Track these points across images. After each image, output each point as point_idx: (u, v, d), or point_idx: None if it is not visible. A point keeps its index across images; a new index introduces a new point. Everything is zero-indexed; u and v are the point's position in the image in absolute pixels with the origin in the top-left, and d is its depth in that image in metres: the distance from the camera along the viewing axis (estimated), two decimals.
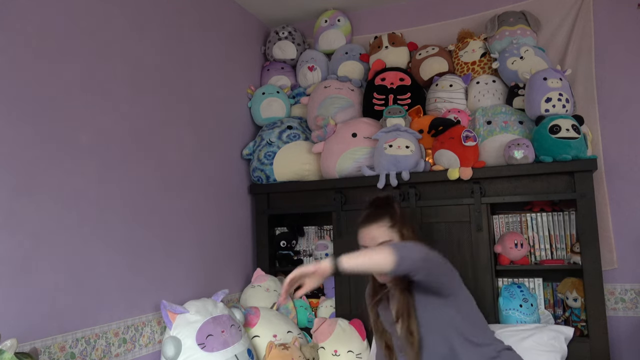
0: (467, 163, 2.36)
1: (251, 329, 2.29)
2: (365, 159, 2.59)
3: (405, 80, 2.73)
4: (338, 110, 2.76)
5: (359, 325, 2.41)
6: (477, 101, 2.62)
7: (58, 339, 1.60)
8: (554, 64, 2.63)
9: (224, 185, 2.63)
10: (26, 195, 1.55)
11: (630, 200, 2.47)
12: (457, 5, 2.92)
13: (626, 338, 2.40)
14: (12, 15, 1.56)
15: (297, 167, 2.75)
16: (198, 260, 2.34)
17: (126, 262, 1.91)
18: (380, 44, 2.90)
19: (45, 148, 1.63)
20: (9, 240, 1.48)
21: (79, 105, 1.77)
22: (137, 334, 1.93)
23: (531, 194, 2.31)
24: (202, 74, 2.52)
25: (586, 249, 2.19)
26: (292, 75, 3.11)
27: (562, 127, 2.23)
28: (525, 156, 2.27)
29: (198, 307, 2.04)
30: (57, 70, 1.69)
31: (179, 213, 2.24)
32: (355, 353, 2.33)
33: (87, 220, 1.76)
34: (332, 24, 3.06)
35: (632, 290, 2.43)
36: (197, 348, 1.91)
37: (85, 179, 1.77)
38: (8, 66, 1.53)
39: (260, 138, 2.85)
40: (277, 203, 2.81)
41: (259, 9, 3.06)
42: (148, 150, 2.09)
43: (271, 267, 2.81)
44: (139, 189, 2.02)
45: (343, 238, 2.61)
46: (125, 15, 2.03)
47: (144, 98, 2.09)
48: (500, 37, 2.63)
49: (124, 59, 2.00)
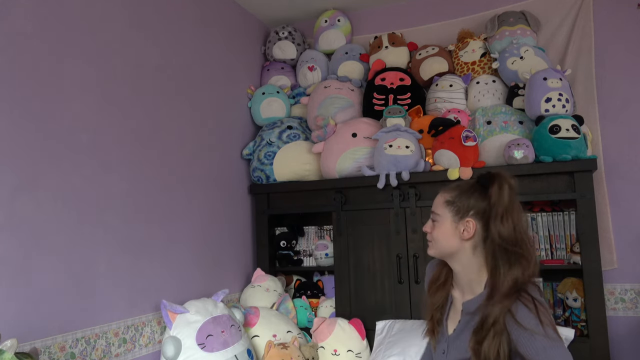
0: (467, 163, 2.36)
1: (251, 329, 2.30)
2: (365, 159, 2.60)
3: (405, 80, 2.73)
4: (338, 110, 2.76)
5: (358, 324, 2.41)
6: (477, 101, 2.62)
7: (58, 339, 1.60)
8: (554, 64, 2.63)
9: (224, 185, 2.64)
10: (26, 194, 1.55)
11: (630, 200, 2.47)
12: (457, 5, 2.92)
13: (626, 338, 2.40)
14: (12, 15, 1.56)
15: (297, 167, 2.75)
16: (198, 260, 2.34)
17: (126, 262, 1.91)
18: (380, 44, 2.90)
19: (46, 148, 1.63)
20: (9, 240, 1.48)
21: (79, 105, 1.77)
22: (137, 334, 1.93)
23: (531, 194, 2.31)
24: (202, 74, 2.52)
25: (586, 249, 2.19)
26: (292, 75, 3.11)
27: (562, 127, 2.23)
28: (525, 156, 2.27)
29: (198, 307, 2.04)
30: (57, 70, 1.69)
31: (179, 213, 2.24)
32: (354, 352, 2.33)
33: (87, 220, 1.76)
34: (332, 24, 3.06)
35: (632, 290, 2.43)
36: (197, 348, 1.91)
37: (85, 179, 1.77)
38: (8, 66, 1.53)
39: (260, 138, 2.85)
40: (277, 203, 2.81)
41: (259, 9, 3.06)
42: (148, 150, 2.09)
43: (271, 267, 2.81)
44: (139, 189, 2.02)
45: (343, 238, 2.61)
46: (126, 15, 2.03)
47: (144, 98, 2.09)
48: (500, 37, 2.63)
49: (124, 59, 2.00)
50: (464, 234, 1.32)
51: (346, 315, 2.51)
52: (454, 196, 1.36)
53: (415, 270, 2.43)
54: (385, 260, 2.52)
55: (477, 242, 1.32)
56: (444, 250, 1.38)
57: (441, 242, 1.38)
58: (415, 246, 2.46)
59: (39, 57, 1.63)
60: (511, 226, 1.27)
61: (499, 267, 1.26)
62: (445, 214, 1.36)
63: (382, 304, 2.50)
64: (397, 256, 2.48)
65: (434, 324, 1.42)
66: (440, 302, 1.43)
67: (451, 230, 1.35)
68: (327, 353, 2.32)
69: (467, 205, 1.33)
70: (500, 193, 1.28)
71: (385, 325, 2.39)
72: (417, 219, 2.46)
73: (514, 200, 1.30)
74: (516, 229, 1.27)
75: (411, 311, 2.44)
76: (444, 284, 1.44)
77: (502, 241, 1.26)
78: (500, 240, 1.26)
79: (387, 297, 2.50)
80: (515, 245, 1.26)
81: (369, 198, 2.57)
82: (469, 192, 1.34)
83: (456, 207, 1.35)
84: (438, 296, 1.43)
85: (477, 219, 1.31)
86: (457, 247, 1.35)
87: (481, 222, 1.31)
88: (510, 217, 1.27)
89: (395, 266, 2.47)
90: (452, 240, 1.35)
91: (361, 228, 2.59)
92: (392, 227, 2.51)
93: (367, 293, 2.54)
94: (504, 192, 1.29)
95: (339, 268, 2.61)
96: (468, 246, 1.34)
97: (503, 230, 1.26)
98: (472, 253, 1.34)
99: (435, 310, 1.42)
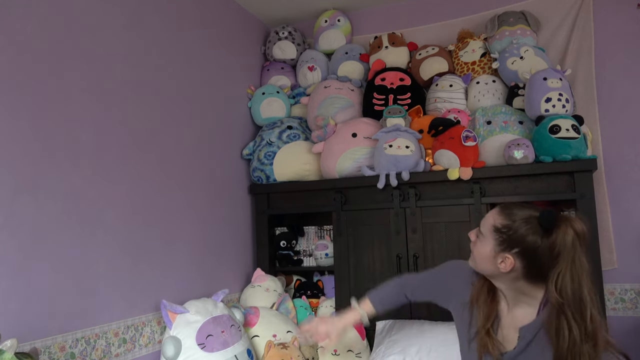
0: (467, 163, 2.36)
1: (251, 329, 2.30)
2: (365, 159, 2.60)
3: (405, 80, 2.73)
4: (338, 110, 2.76)
5: (358, 324, 2.41)
6: (477, 101, 2.62)
7: (58, 339, 1.60)
8: (554, 64, 2.63)
9: (224, 186, 2.63)
10: (26, 195, 1.55)
11: (630, 200, 2.47)
12: (457, 5, 2.92)
13: (626, 338, 2.40)
14: (12, 16, 1.56)
15: (297, 167, 2.75)
16: (198, 260, 2.34)
17: (126, 262, 1.91)
18: (380, 44, 2.90)
19: (46, 148, 1.63)
20: (9, 240, 1.48)
21: (79, 105, 1.77)
22: (137, 334, 1.93)
23: (531, 194, 2.31)
24: (202, 74, 2.52)
25: (586, 249, 2.19)
26: (292, 75, 3.11)
27: (562, 127, 2.23)
28: (525, 156, 2.27)
29: (198, 307, 2.04)
30: (57, 70, 1.69)
31: (178, 213, 2.24)
32: (354, 352, 2.33)
33: (87, 220, 1.75)
34: (332, 24, 3.06)
35: (632, 290, 2.43)
36: (197, 348, 1.91)
37: (85, 179, 1.77)
38: (8, 66, 1.53)
39: (260, 138, 2.85)
40: (277, 203, 2.81)
41: (259, 9, 3.06)
42: (148, 150, 2.09)
43: (271, 267, 2.81)
44: (139, 189, 2.02)
45: (343, 238, 2.61)
46: (126, 15, 2.03)
47: (144, 98, 2.09)
48: (500, 37, 2.63)
49: (124, 59, 2.00)
50: (501, 266, 1.24)
51: None
52: (505, 226, 1.24)
53: (415, 270, 2.43)
54: (385, 260, 2.52)
55: (519, 276, 1.24)
56: (481, 270, 1.33)
57: (478, 262, 1.32)
58: (415, 246, 2.46)
59: (39, 57, 1.63)
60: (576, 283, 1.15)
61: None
62: (489, 238, 1.27)
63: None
64: (397, 256, 2.48)
65: (489, 338, 1.31)
66: (492, 314, 1.33)
67: (490, 256, 1.26)
68: (327, 353, 2.32)
69: (515, 241, 1.22)
70: (565, 239, 1.15)
71: (385, 325, 2.39)
72: (417, 219, 2.46)
73: (577, 248, 1.16)
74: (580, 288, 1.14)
75: (411, 311, 2.43)
76: (492, 298, 1.34)
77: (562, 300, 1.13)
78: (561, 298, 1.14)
79: None
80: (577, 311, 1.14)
81: (369, 198, 2.57)
82: (523, 229, 1.21)
83: (502, 238, 1.24)
84: (489, 309, 1.33)
85: (520, 258, 1.22)
86: (494, 272, 1.28)
87: (524, 262, 1.21)
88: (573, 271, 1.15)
89: (395, 266, 2.47)
90: (489, 265, 1.28)
91: (361, 228, 2.59)
92: (392, 227, 2.51)
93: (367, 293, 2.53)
94: (569, 238, 1.15)
95: (339, 268, 2.61)
96: (507, 278, 1.27)
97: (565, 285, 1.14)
98: (511, 282, 1.27)
99: (487, 321, 1.32)
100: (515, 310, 1.29)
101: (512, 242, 1.22)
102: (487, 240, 1.28)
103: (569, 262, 1.16)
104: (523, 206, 1.28)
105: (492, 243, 1.26)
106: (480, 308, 1.34)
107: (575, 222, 1.18)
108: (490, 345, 1.29)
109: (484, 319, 1.32)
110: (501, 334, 1.31)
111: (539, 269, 1.20)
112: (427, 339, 2.15)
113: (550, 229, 1.17)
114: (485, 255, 1.28)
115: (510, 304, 1.31)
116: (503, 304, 1.33)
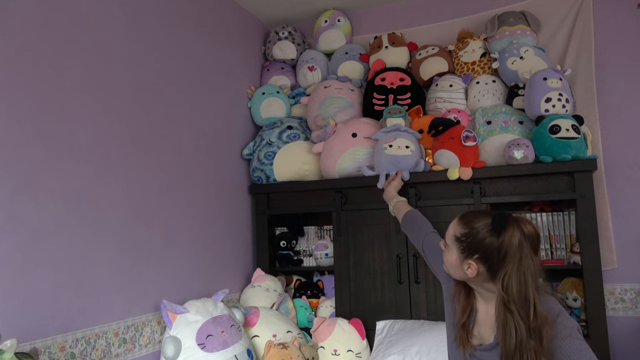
0: (467, 163, 2.36)
1: (251, 329, 2.30)
2: (365, 159, 2.59)
3: (405, 80, 2.73)
4: (338, 110, 2.76)
5: (358, 324, 2.41)
6: (477, 101, 2.62)
7: (58, 339, 1.60)
8: (554, 64, 2.63)
9: (224, 186, 2.64)
10: (26, 195, 1.55)
11: (630, 200, 2.46)
12: (457, 5, 2.92)
13: (626, 338, 2.40)
14: (12, 16, 1.56)
15: (297, 167, 2.75)
16: (198, 260, 2.34)
17: (126, 262, 1.91)
18: (380, 44, 2.90)
19: (46, 148, 1.63)
20: (9, 240, 1.48)
21: (79, 105, 1.77)
22: (137, 334, 1.93)
23: (531, 194, 2.31)
24: (202, 74, 2.52)
25: (586, 249, 2.19)
26: (292, 75, 3.11)
27: (562, 127, 2.23)
28: (525, 156, 2.27)
29: (198, 307, 2.04)
30: (57, 70, 1.69)
31: (179, 213, 2.24)
32: (354, 352, 2.33)
33: (87, 220, 1.76)
34: (332, 24, 3.06)
35: (632, 290, 2.43)
36: (197, 348, 1.92)
37: (85, 179, 1.77)
38: (8, 66, 1.53)
39: (260, 138, 2.85)
40: (277, 203, 2.81)
41: (259, 9, 3.06)
42: (148, 150, 2.09)
43: (271, 267, 2.81)
44: (139, 189, 2.02)
45: (343, 238, 2.61)
46: (125, 15, 2.03)
47: (143, 98, 2.09)
48: (500, 37, 2.63)
49: (124, 59, 2.00)
50: (468, 272, 1.31)
51: (346, 315, 2.51)
52: (463, 234, 1.32)
53: (415, 270, 2.43)
54: (385, 260, 2.52)
55: (486, 279, 1.30)
56: (454, 277, 1.41)
57: (450, 270, 1.40)
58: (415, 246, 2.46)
59: (39, 57, 1.63)
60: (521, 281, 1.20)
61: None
62: (453, 248, 1.35)
63: (382, 304, 2.50)
64: (397, 256, 2.48)
65: (464, 332, 1.39)
66: (467, 309, 1.40)
67: (457, 264, 1.34)
68: (327, 353, 2.32)
69: (473, 248, 1.29)
70: (511, 241, 1.21)
71: (385, 325, 2.39)
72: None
73: (524, 249, 1.21)
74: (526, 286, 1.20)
75: (411, 311, 2.44)
76: (468, 294, 1.42)
77: (508, 297, 1.21)
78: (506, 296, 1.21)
79: (387, 297, 2.50)
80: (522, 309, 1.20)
81: (369, 198, 2.57)
82: (480, 235, 1.27)
83: (462, 246, 1.32)
84: (465, 304, 1.41)
85: (482, 263, 1.28)
86: (465, 278, 1.36)
87: (486, 265, 1.27)
88: (519, 270, 1.21)
89: (395, 266, 2.47)
90: (459, 272, 1.35)
91: (361, 228, 2.59)
92: (392, 227, 2.51)
93: (367, 293, 2.54)
94: (515, 240, 1.21)
95: (339, 268, 2.61)
96: (476, 281, 1.34)
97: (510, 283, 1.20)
98: (481, 284, 1.34)
99: (462, 315, 1.40)
100: (490, 308, 1.35)
101: (473, 249, 1.29)
102: (452, 250, 1.36)
103: (516, 262, 1.21)
104: (480, 213, 1.35)
105: (456, 252, 1.34)
106: (460, 303, 1.42)
107: (525, 223, 1.24)
108: (464, 338, 1.37)
109: (460, 312, 1.40)
110: (477, 329, 1.38)
111: (496, 270, 1.26)
112: (427, 339, 2.15)
113: (501, 230, 1.23)
114: (453, 264, 1.36)
115: (487, 302, 1.37)
116: (481, 302, 1.39)
